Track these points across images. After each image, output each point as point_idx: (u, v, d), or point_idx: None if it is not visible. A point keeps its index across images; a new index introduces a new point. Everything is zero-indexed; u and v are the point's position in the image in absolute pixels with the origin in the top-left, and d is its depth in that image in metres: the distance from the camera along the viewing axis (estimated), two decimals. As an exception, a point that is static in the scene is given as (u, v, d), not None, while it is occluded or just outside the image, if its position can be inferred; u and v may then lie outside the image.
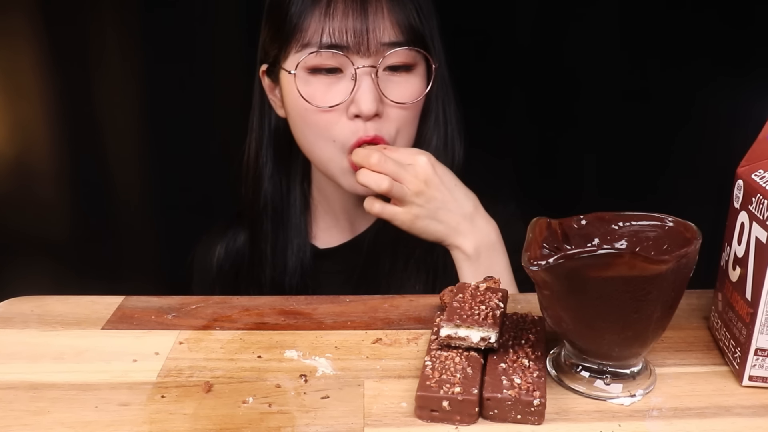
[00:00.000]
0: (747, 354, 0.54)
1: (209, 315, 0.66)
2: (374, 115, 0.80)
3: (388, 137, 0.82)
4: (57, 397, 0.54)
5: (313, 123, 0.82)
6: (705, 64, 1.12)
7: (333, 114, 0.81)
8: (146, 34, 1.13)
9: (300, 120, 0.84)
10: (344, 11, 0.79)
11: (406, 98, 0.82)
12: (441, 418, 0.51)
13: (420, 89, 0.83)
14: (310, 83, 0.81)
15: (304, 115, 0.82)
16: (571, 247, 0.56)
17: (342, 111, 0.81)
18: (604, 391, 0.54)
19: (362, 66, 0.79)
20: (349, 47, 0.79)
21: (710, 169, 0.99)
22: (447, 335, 0.55)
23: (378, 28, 0.79)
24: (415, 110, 0.85)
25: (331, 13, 0.79)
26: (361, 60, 0.79)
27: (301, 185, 0.93)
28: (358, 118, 0.81)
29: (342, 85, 0.80)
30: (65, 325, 0.64)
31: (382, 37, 0.79)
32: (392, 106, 0.82)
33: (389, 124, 0.82)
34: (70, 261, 1.21)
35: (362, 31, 0.78)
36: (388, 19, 0.80)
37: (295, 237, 0.92)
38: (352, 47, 0.79)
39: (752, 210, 0.54)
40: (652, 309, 0.50)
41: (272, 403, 0.53)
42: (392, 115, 0.82)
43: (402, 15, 0.81)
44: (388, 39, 0.80)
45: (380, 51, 0.80)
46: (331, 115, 0.81)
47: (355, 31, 0.78)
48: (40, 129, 1.16)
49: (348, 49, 0.79)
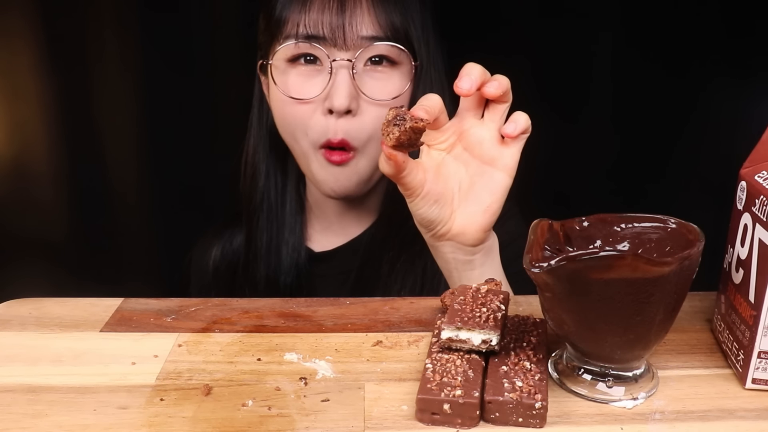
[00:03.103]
0: (750, 357, 0.54)
1: (208, 317, 0.66)
2: (347, 112, 0.80)
3: (357, 141, 0.82)
4: (55, 400, 0.54)
5: (290, 115, 0.83)
6: (708, 65, 1.12)
7: (308, 107, 0.81)
8: (144, 34, 1.13)
9: (279, 112, 0.84)
10: (322, 3, 0.79)
11: (384, 95, 0.81)
12: (442, 421, 0.51)
13: (399, 87, 0.83)
14: (288, 74, 0.82)
15: (282, 106, 0.83)
16: (573, 249, 0.56)
17: (318, 105, 0.81)
18: (606, 394, 0.54)
19: (339, 59, 0.79)
20: (326, 39, 0.79)
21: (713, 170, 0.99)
22: (448, 338, 0.54)
23: (356, 21, 0.79)
24: None
25: (308, 7, 0.79)
26: (339, 53, 0.79)
27: (296, 186, 0.94)
28: (332, 113, 0.80)
29: (319, 78, 0.81)
30: (63, 327, 0.64)
31: (360, 31, 0.79)
32: (369, 103, 0.81)
33: (363, 123, 0.81)
34: (69, 263, 1.21)
35: (340, 22, 0.79)
36: (367, 13, 0.80)
37: (290, 236, 0.92)
38: (329, 39, 0.79)
39: (755, 212, 0.53)
40: (654, 311, 0.50)
41: (272, 406, 0.53)
42: (368, 113, 0.81)
43: (382, 10, 0.80)
44: (366, 33, 0.79)
45: (358, 44, 0.79)
46: (307, 108, 0.81)
47: (332, 24, 0.79)
48: (38, 130, 1.16)
49: (325, 41, 0.79)
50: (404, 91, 0.83)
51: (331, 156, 0.82)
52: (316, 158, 0.83)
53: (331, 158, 0.82)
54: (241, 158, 0.93)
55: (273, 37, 0.83)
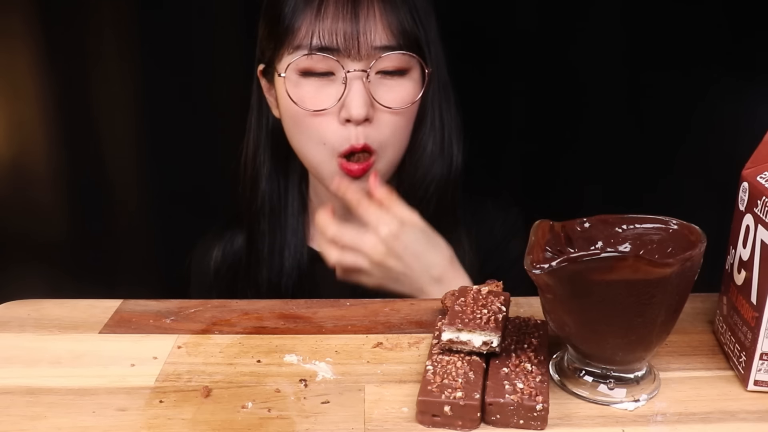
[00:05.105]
0: (752, 358, 0.54)
1: (208, 319, 0.66)
2: (364, 120, 0.80)
3: (378, 144, 0.82)
4: (54, 401, 0.53)
5: (305, 126, 0.82)
6: (710, 66, 1.12)
7: (324, 117, 0.81)
8: (144, 34, 1.12)
9: (291, 122, 0.84)
10: (335, 13, 0.78)
11: (398, 103, 0.81)
12: (443, 423, 0.50)
13: (413, 94, 0.83)
14: (301, 86, 0.81)
15: (295, 117, 0.82)
16: (575, 250, 0.56)
17: (333, 115, 0.81)
18: (607, 396, 0.54)
19: (353, 70, 0.79)
20: (340, 50, 0.78)
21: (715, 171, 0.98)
22: (449, 339, 0.54)
23: (369, 32, 0.79)
24: (408, 115, 0.84)
25: (321, 15, 0.78)
26: (352, 63, 0.79)
27: (298, 187, 0.93)
28: (349, 122, 0.80)
29: (332, 88, 0.80)
30: (62, 329, 0.64)
31: (374, 41, 0.79)
32: (383, 110, 0.81)
33: (380, 129, 0.82)
34: (67, 264, 1.20)
35: (353, 33, 0.78)
36: (380, 23, 0.79)
37: (292, 238, 0.92)
38: (343, 50, 0.78)
39: (757, 212, 0.53)
40: (656, 313, 0.50)
41: (272, 408, 0.53)
42: (383, 120, 0.82)
43: (395, 18, 0.80)
44: (379, 42, 0.79)
45: (372, 55, 0.79)
46: (322, 119, 0.81)
47: (346, 34, 0.78)
48: (37, 131, 1.15)
49: (338, 52, 0.78)
50: (417, 98, 0.83)
51: (350, 168, 0.81)
52: (331, 166, 0.83)
53: (351, 171, 0.81)
54: (239, 161, 0.92)
55: (280, 45, 0.81)
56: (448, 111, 0.88)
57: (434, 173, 0.87)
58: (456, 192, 0.88)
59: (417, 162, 0.87)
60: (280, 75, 0.81)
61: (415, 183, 0.87)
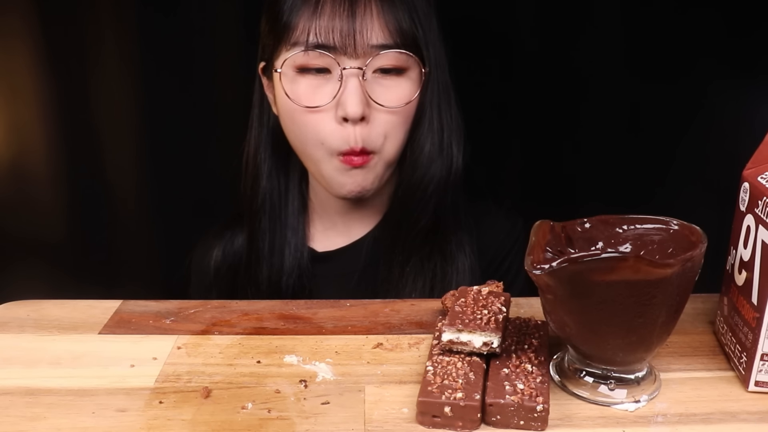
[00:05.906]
0: (753, 359, 0.54)
1: (208, 319, 0.65)
2: (361, 119, 0.80)
3: (375, 145, 0.82)
4: (53, 402, 0.53)
5: (301, 123, 0.82)
6: (711, 66, 1.12)
7: (320, 115, 0.81)
8: (144, 34, 1.12)
9: (288, 119, 0.84)
10: (332, 11, 0.78)
11: (394, 102, 0.81)
12: (443, 424, 0.50)
13: (410, 94, 0.83)
14: (297, 82, 0.81)
15: (291, 114, 0.82)
16: (575, 250, 0.56)
17: (330, 113, 0.81)
18: (608, 397, 0.54)
19: (349, 67, 0.79)
20: (336, 48, 0.78)
21: (716, 171, 0.98)
22: (449, 340, 0.54)
23: (366, 30, 0.79)
24: (405, 115, 0.84)
25: (319, 13, 0.78)
26: (349, 61, 0.79)
27: (299, 186, 0.93)
28: (346, 121, 0.80)
29: (329, 86, 0.80)
30: (62, 329, 0.64)
31: (370, 39, 0.79)
32: (380, 110, 0.81)
33: (377, 129, 0.81)
34: (67, 265, 1.20)
35: (349, 31, 0.78)
36: (377, 21, 0.79)
37: (293, 237, 0.92)
38: (339, 48, 0.78)
39: (758, 213, 0.53)
40: (656, 313, 0.50)
41: (272, 409, 0.53)
42: (380, 119, 0.81)
43: (392, 17, 0.80)
44: (376, 41, 0.79)
45: (368, 53, 0.79)
46: (319, 116, 0.81)
47: (342, 32, 0.78)
48: (37, 132, 1.15)
49: (335, 50, 0.78)
50: (414, 97, 0.83)
51: (351, 160, 0.81)
52: (331, 163, 0.83)
53: (352, 162, 0.82)
54: (241, 158, 0.92)
55: (279, 42, 0.82)
56: (447, 112, 0.88)
57: (432, 174, 0.86)
58: (457, 194, 0.88)
59: (415, 162, 0.86)
60: (276, 71, 0.81)
61: (413, 183, 0.86)
